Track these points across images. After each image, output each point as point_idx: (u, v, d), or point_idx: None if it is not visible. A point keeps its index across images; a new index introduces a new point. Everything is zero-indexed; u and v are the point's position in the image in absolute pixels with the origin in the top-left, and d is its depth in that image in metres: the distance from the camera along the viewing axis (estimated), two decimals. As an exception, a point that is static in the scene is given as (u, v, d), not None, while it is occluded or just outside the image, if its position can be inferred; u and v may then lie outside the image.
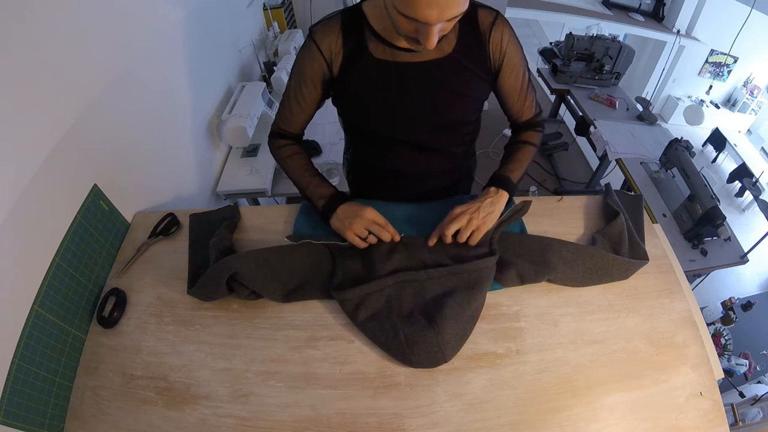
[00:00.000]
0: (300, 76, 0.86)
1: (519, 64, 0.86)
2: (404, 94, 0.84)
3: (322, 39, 0.81)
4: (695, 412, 0.69)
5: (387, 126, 0.90)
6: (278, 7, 2.34)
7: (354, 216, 0.84)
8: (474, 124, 0.97)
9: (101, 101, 0.91)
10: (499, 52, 0.83)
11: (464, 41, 0.81)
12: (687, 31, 4.33)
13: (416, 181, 1.01)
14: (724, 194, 3.89)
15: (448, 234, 0.83)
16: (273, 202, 1.82)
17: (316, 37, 0.81)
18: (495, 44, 0.82)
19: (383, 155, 0.98)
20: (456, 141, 0.96)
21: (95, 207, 0.88)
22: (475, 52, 0.82)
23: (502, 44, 0.82)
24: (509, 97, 0.92)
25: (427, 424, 0.67)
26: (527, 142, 0.96)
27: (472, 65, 0.83)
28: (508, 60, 0.84)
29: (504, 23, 0.82)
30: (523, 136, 0.97)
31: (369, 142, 0.99)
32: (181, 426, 0.68)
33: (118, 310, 0.82)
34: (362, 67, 0.82)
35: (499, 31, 0.81)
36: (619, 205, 0.94)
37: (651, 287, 0.84)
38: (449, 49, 0.81)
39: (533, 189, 2.74)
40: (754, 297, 2.93)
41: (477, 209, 0.85)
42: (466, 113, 0.91)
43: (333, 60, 0.82)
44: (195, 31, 1.45)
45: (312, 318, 0.80)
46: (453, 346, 0.73)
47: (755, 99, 4.77)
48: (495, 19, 0.81)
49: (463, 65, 0.82)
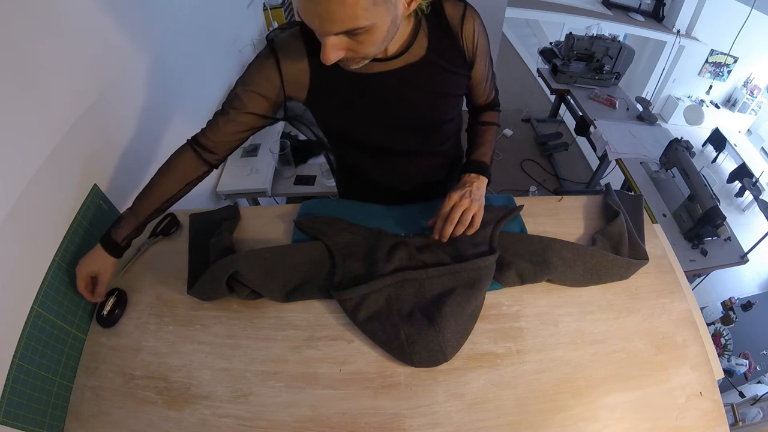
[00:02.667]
0: (247, 84, 0.76)
1: (486, 52, 0.85)
2: (382, 104, 0.80)
3: (285, 58, 0.74)
4: (695, 412, 0.69)
5: (369, 137, 0.87)
6: (278, 7, 2.34)
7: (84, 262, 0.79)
8: (455, 121, 0.96)
9: (101, 101, 0.91)
10: (472, 45, 0.81)
11: (436, 41, 0.78)
12: (687, 31, 4.34)
13: (407, 184, 1.01)
14: (724, 194, 3.90)
15: (454, 218, 0.81)
16: (273, 202, 1.82)
17: (280, 54, 0.74)
18: (468, 38, 0.80)
19: (369, 163, 0.96)
20: (441, 139, 0.96)
21: (95, 207, 0.88)
22: (449, 51, 0.79)
23: (474, 36, 0.80)
24: (479, 86, 0.91)
25: (427, 424, 0.67)
26: (490, 123, 0.98)
27: (449, 64, 0.80)
28: (479, 50, 0.83)
29: (473, 14, 0.79)
30: (485, 117, 0.99)
31: (355, 152, 0.95)
32: (181, 426, 0.68)
33: (118, 310, 0.82)
34: (335, 84, 0.76)
35: (470, 23, 0.79)
36: (619, 205, 0.94)
37: (651, 287, 0.84)
38: (422, 51, 0.77)
39: (533, 189, 2.74)
40: (754, 297, 2.93)
41: (470, 191, 0.84)
42: (448, 112, 0.90)
43: (295, 82, 0.76)
44: (195, 30, 1.45)
45: (312, 318, 0.80)
46: (453, 345, 0.73)
47: (755, 99, 4.77)
48: (464, 12, 0.78)
49: (438, 66, 0.79)
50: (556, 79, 2.83)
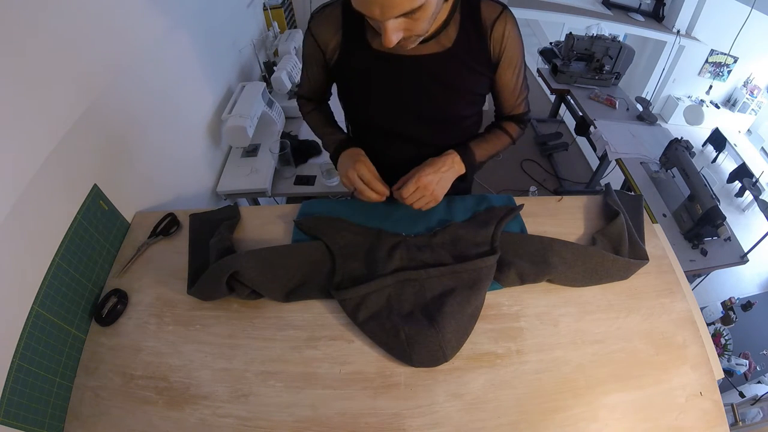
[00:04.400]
0: (305, 57, 0.92)
1: (517, 61, 0.85)
2: (400, 87, 0.84)
3: (318, 28, 0.83)
4: (695, 412, 0.69)
5: (383, 118, 0.91)
6: (278, 7, 2.34)
7: (348, 165, 0.87)
8: (472, 119, 0.96)
9: (101, 101, 0.91)
10: (499, 47, 0.81)
11: (465, 36, 0.80)
12: (687, 31, 4.33)
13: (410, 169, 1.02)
14: (724, 194, 3.90)
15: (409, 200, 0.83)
16: (273, 202, 1.82)
17: (313, 24, 0.84)
18: (496, 39, 0.80)
19: (381, 147, 0.98)
20: (454, 136, 0.95)
21: (95, 207, 0.88)
22: (475, 47, 0.81)
23: (504, 39, 0.80)
24: (502, 93, 0.92)
25: (427, 424, 0.67)
26: (506, 131, 0.97)
27: (472, 61, 0.82)
28: (506, 55, 0.83)
29: (509, 18, 0.80)
30: (505, 125, 0.98)
31: (368, 133, 0.99)
32: (181, 426, 0.68)
33: (118, 310, 0.82)
34: (360, 58, 0.82)
35: (501, 25, 0.79)
36: (619, 205, 0.94)
37: (651, 287, 0.84)
38: (448, 43, 0.79)
39: (533, 189, 2.74)
40: (754, 297, 2.93)
41: (440, 178, 0.85)
42: (463, 108, 0.90)
43: (327, 50, 0.85)
44: (195, 31, 1.45)
45: (312, 318, 0.80)
46: (454, 345, 0.73)
47: (755, 99, 4.77)
48: (500, 13, 0.79)
49: (461, 60, 0.81)
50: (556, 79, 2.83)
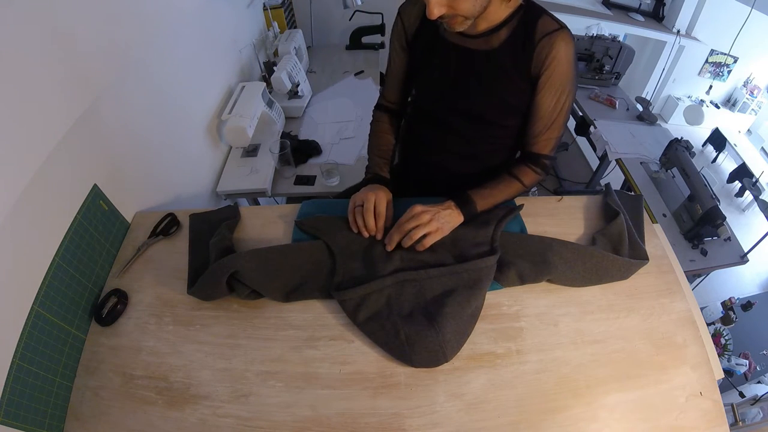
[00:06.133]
0: (391, 44, 0.98)
1: (559, 86, 0.81)
2: (444, 73, 0.89)
3: (404, 9, 0.93)
4: (695, 412, 0.69)
5: (426, 99, 0.99)
6: (278, 7, 2.34)
7: (365, 190, 0.92)
8: (505, 131, 0.94)
9: (101, 101, 0.91)
10: (541, 64, 0.79)
11: (512, 41, 0.79)
12: (687, 31, 4.33)
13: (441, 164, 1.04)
14: (724, 194, 3.89)
15: (404, 229, 0.82)
16: (273, 202, 1.82)
17: (402, 8, 0.94)
18: (540, 54, 0.78)
19: (420, 127, 1.04)
20: (482, 136, 0.95)
21: (95, 207, 0.88)
22: (519, 56, 0.80)
23: (549, 57, 0.77)
24: (533, 115, 0.87)
25: (427, 424, 0.67)
26: (518, 177, 0.93)
27: (512, 68, 0.81)
28: (548, 75, 0.79)
29: (562, 39, 0.77)
30: (518, 171, 0.93)
31: (415, 112, 1.06)
32: (181, 426, 0.68)
33: (118, 310, 0.82)
34: (426, 39, 0.90)
35: (550, 42, 0.77)
36: (619, 205, 0.94)
37: (651, 287, 0.84)
38: (496, 44, 0.81)
39: (533, 189, 2.74)
40: (754, 297, 2.92)
41: (438, 213, 0.84)
42: (492, 112, 0.89)
43: (409, 31, 0.93)
44: (195, 31, 1.45)
45: (312, 318, 0.80)
46: (454, 346, 0.73)
47: (755, 99, 4.76)
48: (554, 30, 0.77)
49: (501, 64, 0.81)
50: (556, 79, 2.83)
